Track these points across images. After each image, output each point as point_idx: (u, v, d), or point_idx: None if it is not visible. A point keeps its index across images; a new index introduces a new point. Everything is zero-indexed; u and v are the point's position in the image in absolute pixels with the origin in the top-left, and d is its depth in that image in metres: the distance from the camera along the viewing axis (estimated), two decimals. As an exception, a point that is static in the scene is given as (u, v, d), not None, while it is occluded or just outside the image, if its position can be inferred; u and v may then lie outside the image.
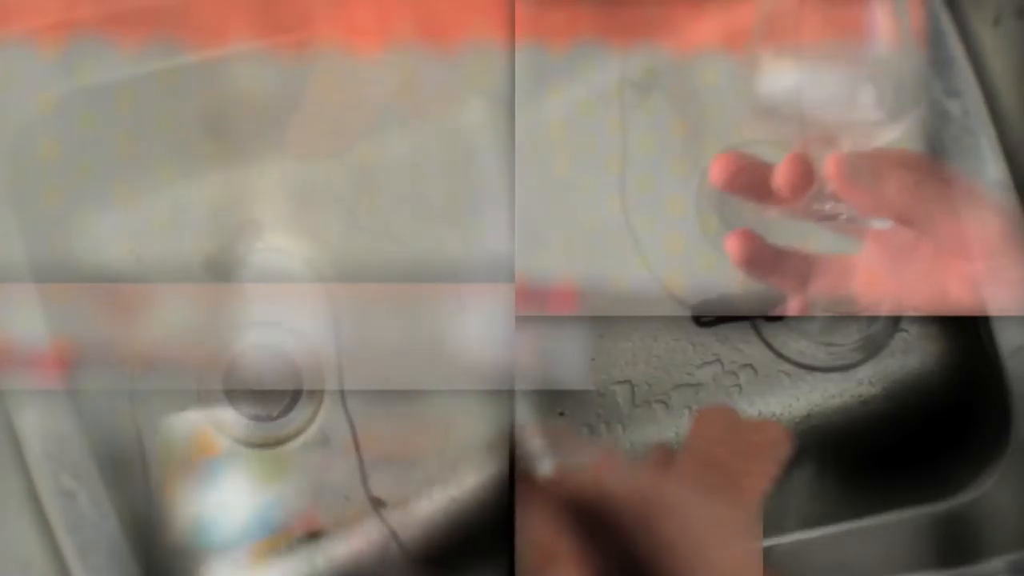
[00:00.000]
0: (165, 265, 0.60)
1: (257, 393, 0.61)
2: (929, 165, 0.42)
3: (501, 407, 0.60)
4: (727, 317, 0.65)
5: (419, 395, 0.60)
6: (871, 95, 0.41)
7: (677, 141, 0.63)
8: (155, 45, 0.60)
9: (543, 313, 0.62)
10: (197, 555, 0.59)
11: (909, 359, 0.67)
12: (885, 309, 0.63)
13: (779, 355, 0.66)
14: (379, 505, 0.59)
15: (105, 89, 0.60)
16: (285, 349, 0.61)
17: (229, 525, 0.60)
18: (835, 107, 0.41)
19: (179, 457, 0.60)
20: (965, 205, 0.42)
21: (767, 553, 0.58)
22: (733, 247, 0.45)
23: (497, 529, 0.56)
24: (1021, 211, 0.60)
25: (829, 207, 0.43)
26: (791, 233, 0.47)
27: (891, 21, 0.41)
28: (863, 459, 0.66)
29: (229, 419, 0.60)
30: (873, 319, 0.66)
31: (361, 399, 0.60)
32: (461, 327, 0.61)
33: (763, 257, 0.45)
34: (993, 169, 0.61)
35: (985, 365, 0.62)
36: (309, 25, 0.61)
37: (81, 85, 0.60)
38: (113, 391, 0.59)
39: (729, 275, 0.63)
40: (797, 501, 0.62)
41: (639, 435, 0.66)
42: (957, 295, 0.43)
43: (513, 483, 0.51)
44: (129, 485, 0.59)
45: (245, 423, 0.60)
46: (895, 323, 0.67)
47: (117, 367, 0.59)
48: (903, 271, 0.45)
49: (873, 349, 0.66)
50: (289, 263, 0.61)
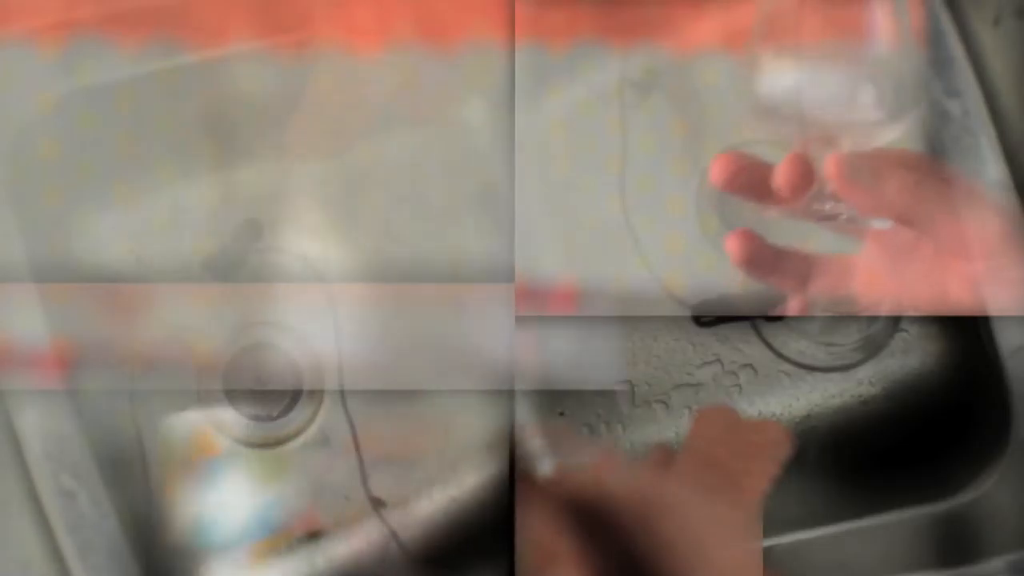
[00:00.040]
0: (165, 265, 0.60)
1: (257, 393, 0.61)
2: (929, 165, 0.42)
3: (501, 407, 0.60)
4: (727, 317, 0.65)
5: (419, 395, 0.60)
6: (871, 95, 0.41)
7: (677, 141, 0.63)
8: (155, 45, 0.60)
9: (543, 313, 0.62)
10: (197, 555, 0.59)
11: (909, 359, 0.67)
12: (885, 309, 0.63)
13: (779, 355, 0.66)
14: (379, 505, 0.59)
15: (105, 89, 0.60)
16: (285, 349, 0.61)
17: (229, 525, 0.60)
18: (835, 107, 0.41)
19: (179, 457, 0.60)
20: (965, 205, 0.42)
21: (767, 553, 0.58)
22: (733, 247, 0.45)
23: (497, 529, 0.56)
24: (1021, 211, 0.60)
25: (829, 207, 0.43)
26: (791, 233, 0.47)
27: (891, 21, 0.41)
28: (863, 459, 0.66)
29: (229, 419, 0.60)
30: (873, 319, 0.66)
31: (361, 399, 0.60)
32: (461, 327, 0.61)
33: (763, 257, 0.45)
34: (993, 169, 0.61)
35: (985, 365, 0.62)
36: (309, 25, 0.61)
37: (81, 85, 0.60)
38: (113, 391, 0.59)
39: (729, 275, 0.63)
40: (797, 501, 0.62)
41: (639, 435, 0.66)
42: (957, 295, 0.43)
43: (513, 483, 0.51)
44: (129, 485, 0.59)
45: (245, 423, 0.60)
46: (895, 323, 0.67)
47: (117, 367, 0.59)
48: (903, 271, 0.45)
49: (873, 349, 0.66)
50: (289, 263, 0.61)
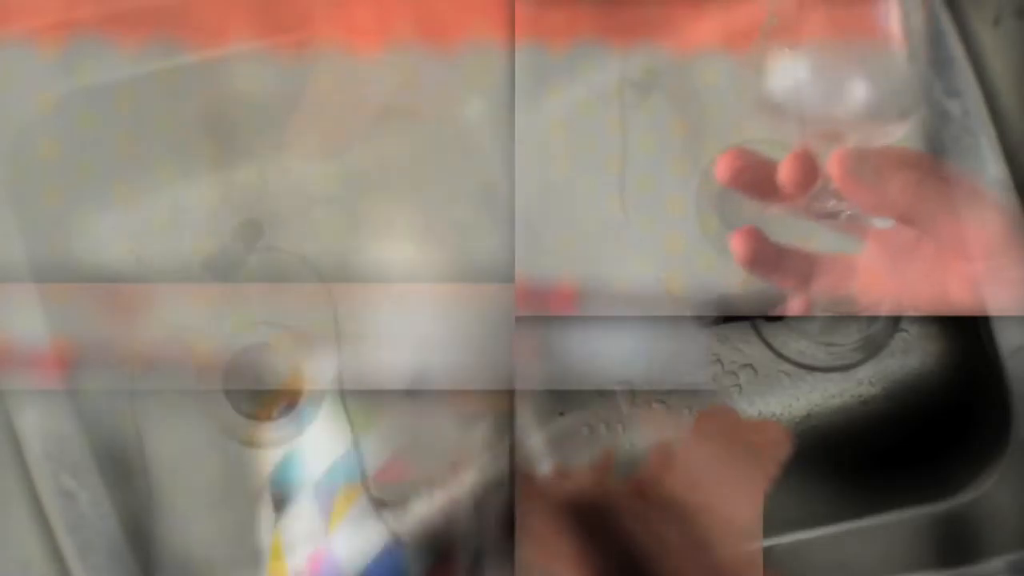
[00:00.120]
0: (165, 265, 0.60)
1: (257, 393, 0.61)
2: (932, 164, 0.42)
3: (501, 407, 0.59)
4: (727, 317, 0.65)
5: (419, 395, 0.60)
6: (875, 94, 0.41)
7: (677, 141, 0.63)
8: (155, 45, 0.60)
9: (543, 313, 0.62)
10: (286, 500, 0.59)
11: (909, 359, 0.67)
12: (885, 309, 0.63)
13: (779, 355, 0.66)
14: (379, 505, 0.59)
15: (105, 89, 0.60)
16: (285, 349, 0.61)
17: (320, 471, 0.59)
18: (839, 105, 0.42)
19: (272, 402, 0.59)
20: (967, 205, 0.42)
21: (767, 553, 0.58)
22: (738, 245, 0.45)
23: (497, 529, 0.56)
24: (1021, 211, 0.60)
25: (831, 205, 0.43)
26: (792, 233, 0.47)
27: (898, 20, 0.41)
28: (863, 459, 0.66)
29: (229, 419, 0.60)
30: (873, 319, 0.66)
31: (361, 399, 0.60)
32: (461, 327, 0.61)
33: (766, 255, 0.45)
34: (993, 169, 0.61)
35: (985, 365, 0.62)
36: (309, 25, 0.61)
37: (81, 85, 0.59)
38: (113, 391, 0.59)
39: (729, 275, 0.63)
40: (797, 501, 0.62)
41: (639, 435, 0.66)
42: (958, 295, 0.43)
43: (513, 483, 0.51)
44: (129, 485, 0.59)
45: (245, 423, 0.60)
46: (895, 323, 0.67)
47: (117, 367, 0.59)
48: (904, 271, 0.45)
49: (873, 349, 0.66)
50: (289, 263, 0.61)
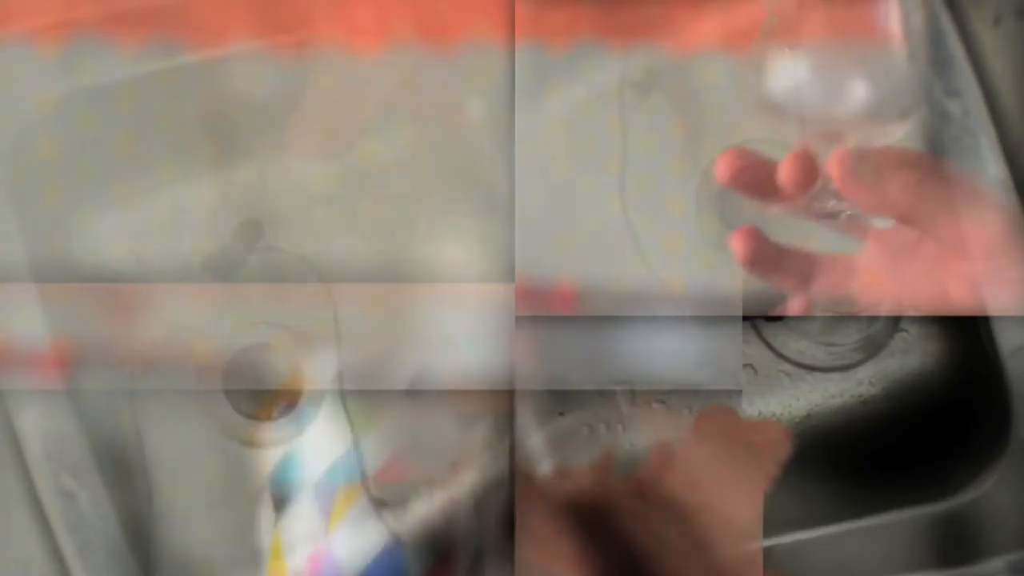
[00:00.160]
0: (165, 265, 0.60)
1: (257, 393, 0.61)
2: (932, 164, 0.42)
3: (501, 407, 0.59)
4: (727, 317, 0.65)
5: (419, 395, 0.60)
6: (875, 94, 0.41)
7: (677, 141, 0.63)
8: (155, 45, 0.60)
9: (543, 313, 0.62)
10: (285, 500, 0.59)
11: (909, 359, 0.67)
12: (885, 309, 0.63)
13: (779, 355, 0.66)
14: (379, 505, 0.59)
15: (105, 89, 0.60)
16: (285, 349, 0.61)
17: (319, 471, 0.59)
18: (839, 105, 0.42)
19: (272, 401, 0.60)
20: (967, 205, 0.42)
21: (767, 553, 0.58)
22: (738, 245, 0.45)
23: (497, 528, 0.56)
24: (1021, 211, 0.60)
25: (831, 205, 0.43)
26: (792, 233, 0.47)
27: (898, 20, 0.41)
28: (863, 459, 0.66)
29: (229, 419, 0.60)
30: (873, 319, 0.66)
31: (361, 399, 0.60)
32: (461, 327, 0.61)
33: (767, 255, 0.45)
34: (993, 169, 0.61)
35: (985, 365, 0.62)
36: (309, 25, 0.61)
37: (81, 85, 0.60)
38: (113, 391, 0.59)
39: (729, 275, 0.63)
40: (797, 501, 0.62)
41: (639, 435, 0.66)
42: (958, 295, 0.43)
43: (513, 483, 0.51)
44: (129, 485, 0.59)
45: (245, 423, 0.60)
46: (895, 323, 0.67)
47: (117, 367, 0.59)
48: (904, 271, 0.45)
49: (873, 349, 0.66)
50: (289, 263, 0.61)
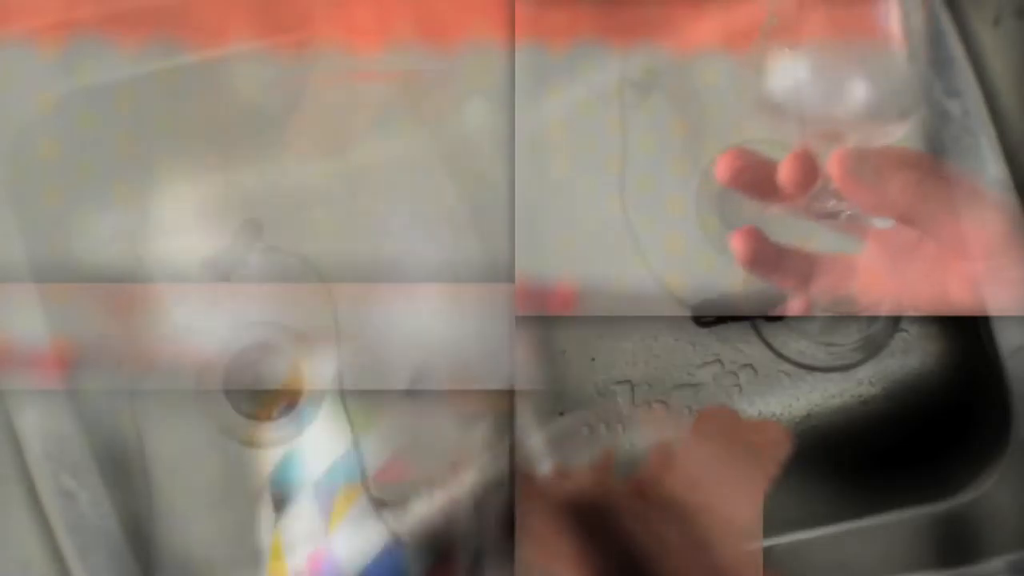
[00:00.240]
0: (165, 265, 0.60)
1: (257, 393, 0.61)
2: (932, 164, 0.42)
3: (501, 407, 0.60)
4: (727, 317, 0.65)
5: (419, 395, 0.60)
6: (875, 94, 0.41)
7: (677, 141, 0.63)
8: (155, 45, 0.60)
9: (543, 313, 0.62)
10: (286, 500, 0.59)
11: (909, 359, 0.67)
12: (885, 309, 0.63)
13: (779, 355, 0.66)
14: (379, 505, 0.59)
15: (105, 89, 0.60)
16: (285, 349, 0.61)
17: (320, 471, 0.59)
18: (839, 105, 0.42)
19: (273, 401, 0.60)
20: (967, 204, 0.42)
21: (767, 553, 0.58)
22: (738, 245, 0.45)
23: (497, 528, 0.56)
24: (1021, 211, 0.60)
25: (831, 205, 0.43)
26: (792, 233, 0.47)
27: (898, 20, 0.41)
28: (863, 459, 0.66)
29: (229, 419, 0.60)
30: (873, 319, 0.66)
31: (361, 399, 0.60)
32: (461, 327, 0.61)
33: (767, 255, 0.45)
34: (993, 169, 0.61)
35: (985, 365, 0.62)
36: (309, 25, 0.61)
37: (81, 85, 0.60)
38: (113, 391, 0.59)
39: (729, 275, 0.63)
40: (797, 501, 0.62)
41: (639, 435, 0.66)
42: (958, 295, 0.43)
43: (513, 483, 0.51)
44: (129, 485, 0.59)
45: (245, 423, 0.60)
46: (895, 323, 0.67)
47: (117, 367, 0.59)
48: (904, 271, 0.45)
49: (873, 349, 0.66)
50: (289, 263, 0.61)
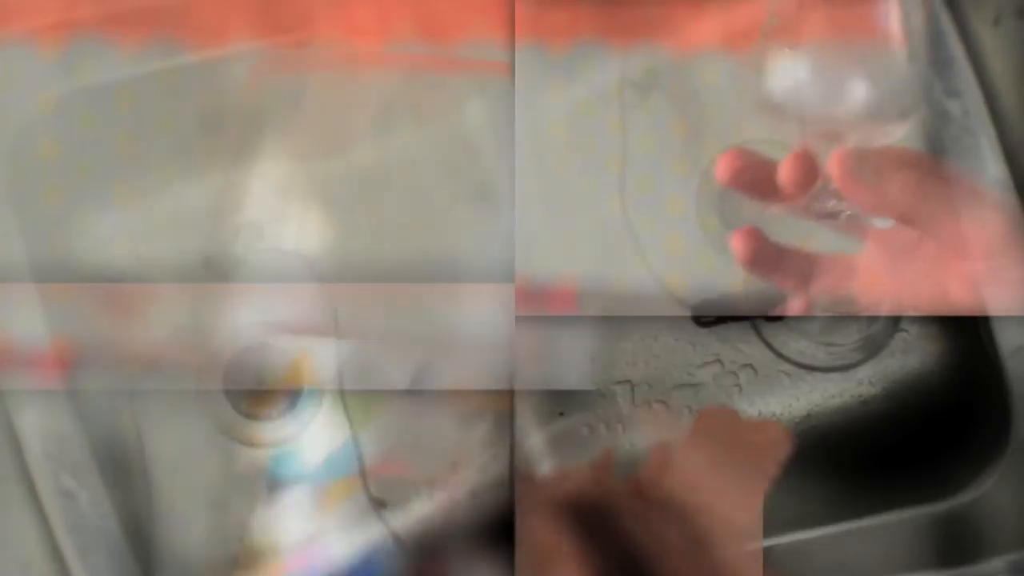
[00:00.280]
0: (165, 265, 0.60)
1: (257, 393, 0.61)
2: (932, 164, 0.42)
3: (501, 407, 0.59)
4: (727, 317, 0.65)
5: (419, 395, 0.60)
6: (875, 94, 0.41)
7: (677, 141, 0.63)
8: (155, 45, 0.60)
9: (543, 313, 0.62)
10: (279, 485, 0.59)
11: (909, 359, 0.67)
12: (885, 309, 0.63)
13: (779, 355, 0.66)
14: (379, 505, 0.59)
15: (105, 89, 0.60)
16: (285, 349, 0.61)
17: (315, 460, 0.59)
18: (839, 105, 0.42)
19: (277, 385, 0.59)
20: (967, 205, 0.42)
21: (767, 553, 0.58)
22: (738, 245, 0.45)
23: (497, 529, 0.56)
24: (1021, 211, 0.60)
25: (831, 205, 0.43)
26: (792, 233, 0.47)
27: (898, 20, 0.41)
28: (863, 459, 0.66)
29: (229, 419, 0.60)
30: (873, 319, 0.66)
31: (361, 399, 0.60)
32: (461, 327, 0.61)
33: (767, 255, 0.45)
34: (993, 169, 0.61)
35: (985, 365, 0.62)
36: (309, 25, 0.61)
37: (81, 85, 0.60)
38: (113, 391, 0.59)
39: (729, 275, 0.63)
40: (797, 501, 0.62)
41: (639, 435, 0.66)
42: (958, 295, 0.43)
43: (513, 483, 0.51)
44: (129, 485, 0.59)
45: (245, 423, 0.60)
46: (895, 323, 0.67)
47: (117, 367, 0.59)
48: (904, 271, 0.45)
49: (873, 349, 0.66)
50: (289, 263, 0.61)
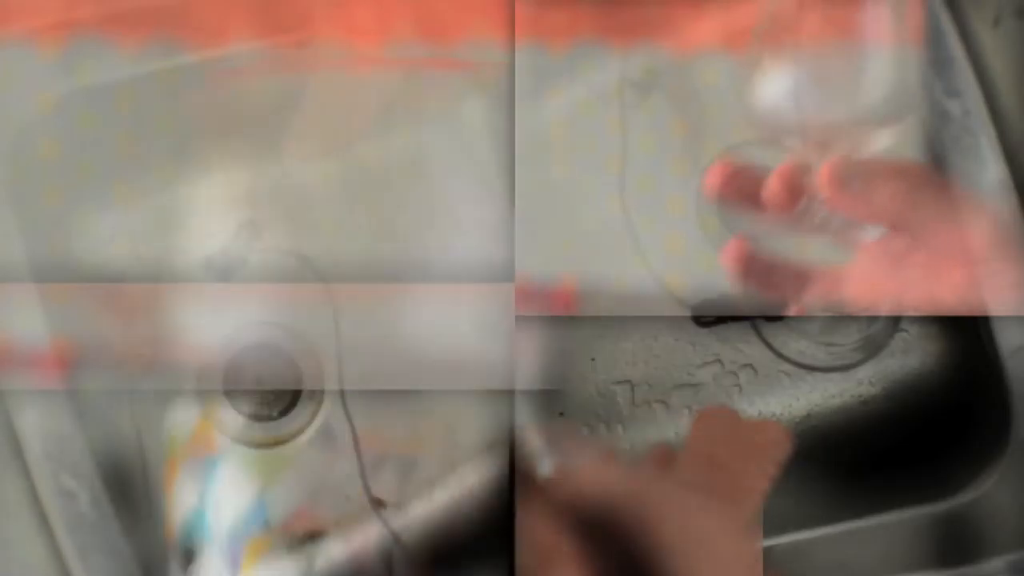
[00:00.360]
0: (165, 265, 0.60)
1: (257, 393, 0.61)
2: (921, 173, 0.42)
3: (501, 407, 0.60)
4: (727, 317, 0.65)
5: (419, 395, 0.60)
6: (867, 98, 0.41)
7: (677, 141, 0.63)
8: (155, 45, 0.60)
9: (543, 313, 0.62)
10: (194, 553, 0.59)
11: (909, 359, 0.67)
12: (884, 310, 0.63)
13: (779, 355, 0.66)
14: (379, 505, 0.59)
15: (105, 89, 0.60)
16: (285, 349, 0.61)
17: (227, 523, 0.60)
18: (831, 110, 0.42)
19: (179, 453, 0.60)
20: (958, 212, 0.42)
21: (767, 553, 0.58)
22: (728, 260, 0.45)
23: (497, 529, 0.56)
24: (1022, 211, 0.60)
25: (822, 216, 0.43)
26: (793, 233, 0.47)
27: (888, 24, 0.41)
28: (863, 459, 0.66)
29: (229, 419, 0.60)
30: (873, 319, 0.66)
31: (361, 399, 0.60)
32: (461, 327, 0.61)
33: (757, 269, 0.46)
34: (993, 169, 0.61)
35: (985, 365, 0.62)
36: (309, 25, 0.61)
37: (81, 85, 0.59)
38: (113, 391, 0.59)
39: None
40: (797, 501, 0.62)
41: (639, 435, 0.66)
42: (949, 302, 0.43)
43: (513, 483, 0.51)
44: (129, 485, 0.59)
45: (245, 423, 0.60)
46: (895, 323, 0.67)
47: (117, 367, 0.59)
48: (896, 278, 0.45)
49: (873, 349, 0.66)
50: (289, 263, 0.61)
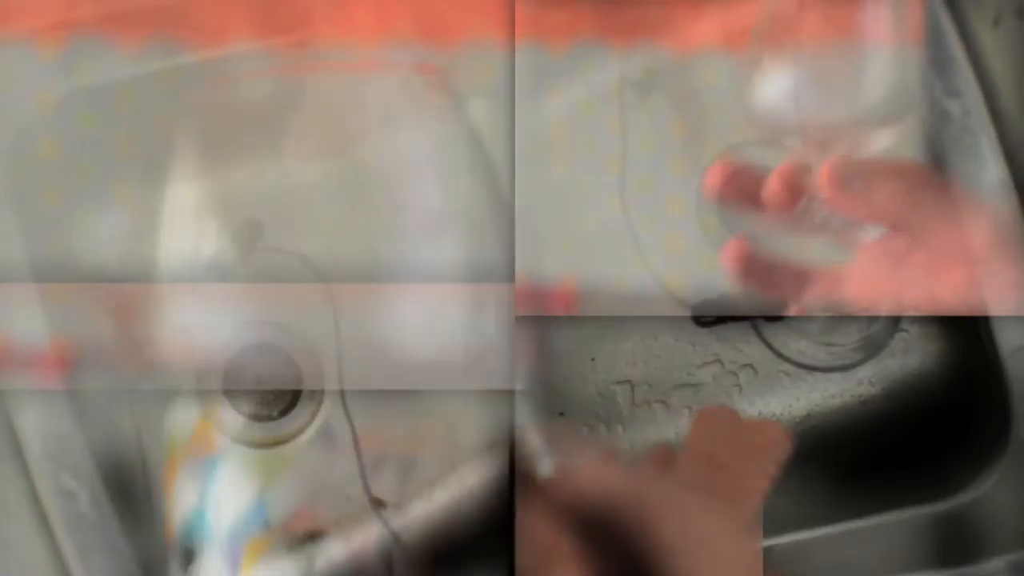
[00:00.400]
0: (165, 265, 0.60)
1: (257, 393, 0.61)
2: (920, 173, 0.42)
3: (501, 407, 0.59)
4: (727, 317, 0.65)
5: (419, 395, 0.60)
6: (867, 98, 0.41)
7: (677, 141, 0.63)
8: (155, 45, 0.60)
9: (543, 313, 0.62)
10: (194, 553, 0.59)
11: (909, 359, 0.67)
12: (884, 309, 0.63)
13: (779, 355, 0.66)
14: (379, 505, 0.59)
15: (105, 89, 0.60)
16: (285, 349, 0.61)
17: (227, 523, 0.60)
18: (831, 110, 0.42)
19: (179, 453, 0.60)
20: (957, 212, 0.42)
21: (767, 553, 0.58)
22: (728, 260, 0.45)
23: (497, 529, 0.56)
24: (1022, 211, 0.60)
25: (822, 216, 0.43)
26: (793, 233, 0.47)
27: (888, 24, 0.41)
28: (863, 459, 0.66)
29: (229, 419, 0.60)
30: (873, 319, 0.66)
31: (361, 399, 0.60)
32: (461, 327, 0.61)
33: (757, 269, 0.46)
34: (993, 169, 0.61)
35: (985, 365, 0.62)
36: (309, 25, 0.61)
37: (81, 85, 0.59)
38: (113, 391, 0.59)
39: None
40: (797, 501, 0.62)
41: (639, 435, 0.66)
42: (950, 300, 0.44)
43: (513, 483, 0.51)
44: (129, 485, 0.59)
45: (245, 423, 0.60)
46: (895, 323, 0.67)
47: (117, 367, 0.59)
48: (896, 278, 0.45)
49: (873, 349, 0.66)
50: (289, 263, 0.61)
